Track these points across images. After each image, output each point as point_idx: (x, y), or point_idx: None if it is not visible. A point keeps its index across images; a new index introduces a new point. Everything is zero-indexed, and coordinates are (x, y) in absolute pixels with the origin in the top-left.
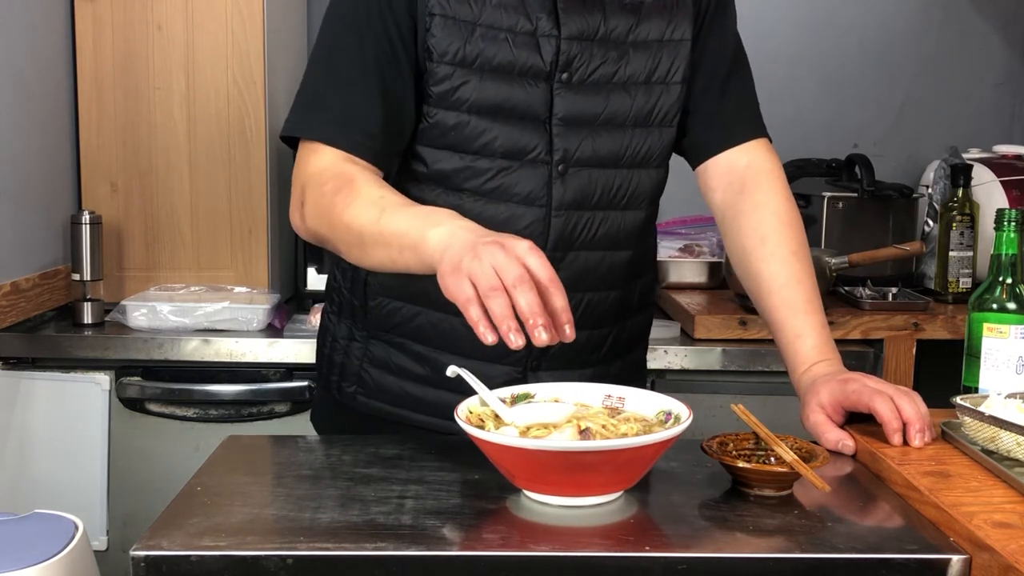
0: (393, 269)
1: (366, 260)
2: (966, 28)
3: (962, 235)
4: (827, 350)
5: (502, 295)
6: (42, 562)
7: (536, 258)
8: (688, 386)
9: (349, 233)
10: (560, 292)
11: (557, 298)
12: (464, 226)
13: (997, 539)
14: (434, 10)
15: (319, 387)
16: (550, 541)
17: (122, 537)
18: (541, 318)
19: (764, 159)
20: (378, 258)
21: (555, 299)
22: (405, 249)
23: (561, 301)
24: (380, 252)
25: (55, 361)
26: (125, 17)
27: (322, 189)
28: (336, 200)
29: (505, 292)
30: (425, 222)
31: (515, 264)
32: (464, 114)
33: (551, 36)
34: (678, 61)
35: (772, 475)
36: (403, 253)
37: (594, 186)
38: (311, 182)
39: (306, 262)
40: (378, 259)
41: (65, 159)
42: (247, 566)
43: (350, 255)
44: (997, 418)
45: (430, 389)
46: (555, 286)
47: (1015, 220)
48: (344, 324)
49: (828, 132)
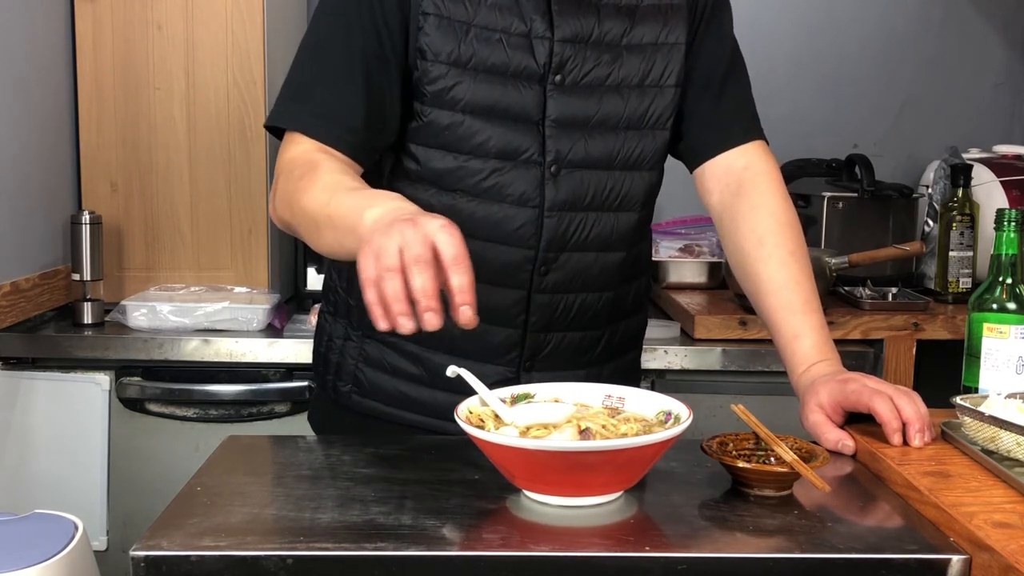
0: (342, 253)
1: (321, 245)
2: (966, 28)
3: (962, 235)
4: (826, 350)
5: (397, 276)
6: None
7: (446, 236)
8: (688, 386)
9: (305, 217)
10: (462, 271)
11: (455, 277)
12: (398, 207)
13: (997, 539)
14: (428, 9)
15: (316, 386)
16: (550, 541)
17: (122, 537)
18: (430, 301)
19: (761, 161)
20: (328, 242)
21: (453, 278)
22: (347, 232)
23: (459, 280)
24: (329, 235)
25: (55, 361)
26: (125, 17)
27: (290, 176)
28: (299, 185)
29: (402, 273)
30: (364, 203)
31: (419, 243)
32: (458, 114)
33: (545, 38)
34: (672, 65)
35: (772, 475)
36: (346, 236)
37: (586, 187)
38: (283, 170)
39: (306, 262)
40: (328, 243)
41: (65, 159)
42: (247, 566)
43: (310, 241)
44: (997, 418)
45: (424, 389)
46: (459, 264)
47: (1015, 220)
48: (340, 324)
49: (828, 132)
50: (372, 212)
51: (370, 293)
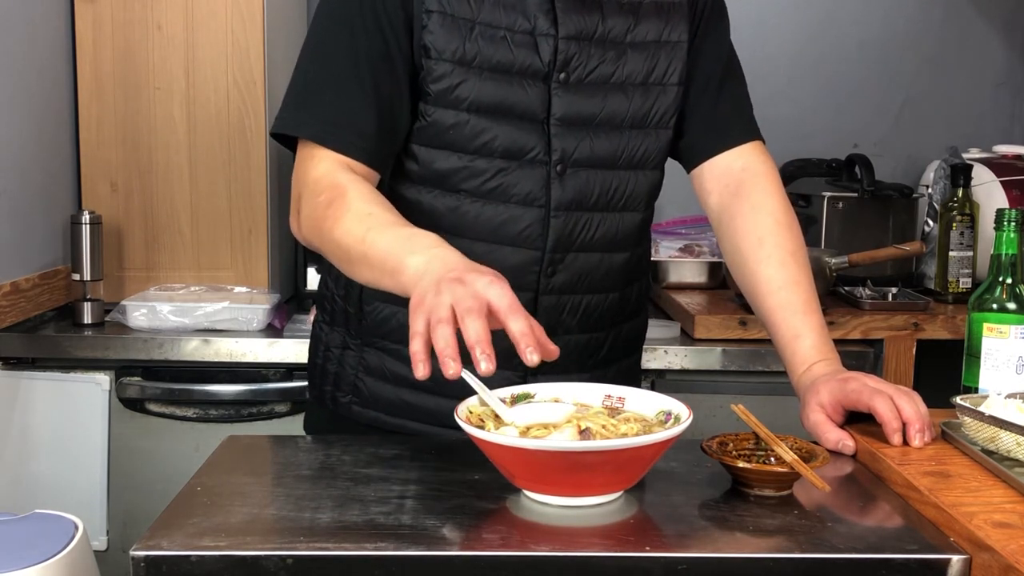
0: (380, 288)
1: (355, 276)
2: (966, 28)
3: (962, 235)
4: (826, 350)
5: (447, 326)
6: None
7: (497, 289)
8: (688, 386)
9: (338, 249)
10: (519, 316)
11: (514, 324)
12: (440, 256)
13: (997, 539)
14: (432, 7)
15: (311, 398)
16: (550, 541)
17: (122, 537)
18: (485, 347)
19: (759, 162)
20: (364, 277)
21: (512, 325)
22: (386, 274)
23: (519, 326)
24: (365, 271)
25: (55, 361)
26: (125, 17)
27: (316, 200)
28: (328, 214)
29: (452, 324)
30: (405, 248)
31: (470, 297)
32: (463, 113)
33: (549, 35)
34: (675, 63)
35: (772, 475)
36: (384, 277)
37: (592, 187)
38: (306, 191)
39: (306, 262)
40: (364, 278)
41: (65, 159)
42: (247, 566)
43: (341, 268)
44: (997, 418)
45: (426, 396)
46: (515, 312)
47: (1015, 220)
48: (337, 333)
49: (828, 132)
50: (415, 261)
51: (416, 344)
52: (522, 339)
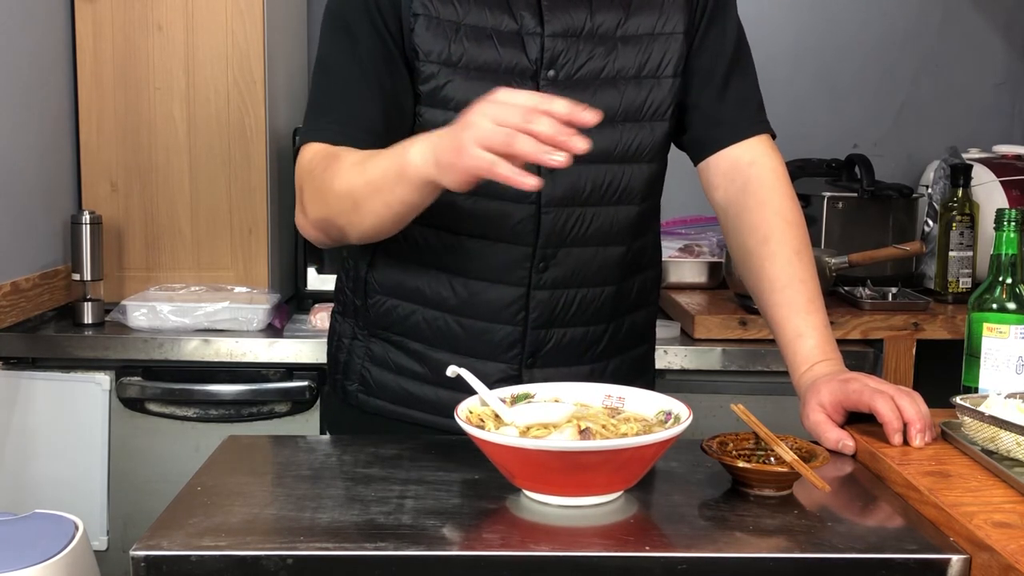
0: (394, 215)
1: (365, 220)
2: (966, 28)
3: (962, 235)
4: (828, 350)
5: (521, 136)
6: (42, 562)
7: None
8: (688, 386)
9: (342, 200)
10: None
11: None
12: (437, 132)
13: (997, 539)
14: (417, 11)
15: (328, 386)
16: (550, 541)
17: (122, 537)
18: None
19: (767, 156)
20: (375, 209)
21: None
22: (395, 184)
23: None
24: (374, 202)
25: (55, 361)
26: (125, 17)
27: (312, 174)
28: (325, 176)
29: (516, 135)
30: (401, 149)
31: (508, 107)
32: (451, 112)
33: (535, 34)
34: (669, 54)
35: (772, 475)
36: (394, 189)
37: (584, 182)
38: (304, 175)
39: (306, 262)
40: (375, 211)
41: (65, 159)
42: (247, 566)
43: (352, 224)
44: (997, 418)
45: (428, 387)
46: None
47: (1015, 220)
48: (348, 323)
49: (828, 132)
50: (416, 149)
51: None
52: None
